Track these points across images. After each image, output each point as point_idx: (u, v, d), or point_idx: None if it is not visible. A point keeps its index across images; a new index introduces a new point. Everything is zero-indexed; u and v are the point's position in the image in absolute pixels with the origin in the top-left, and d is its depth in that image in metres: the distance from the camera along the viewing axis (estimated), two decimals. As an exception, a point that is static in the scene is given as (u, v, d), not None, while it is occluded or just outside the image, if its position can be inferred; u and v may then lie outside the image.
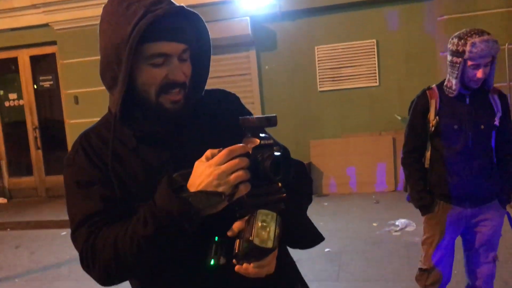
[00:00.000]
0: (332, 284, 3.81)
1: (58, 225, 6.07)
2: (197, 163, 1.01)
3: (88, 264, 1.07)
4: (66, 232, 5.75)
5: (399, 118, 6.52)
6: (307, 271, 3.93)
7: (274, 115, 1.03)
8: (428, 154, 2.50)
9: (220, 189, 0.97)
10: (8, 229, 6.51)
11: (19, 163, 8.49)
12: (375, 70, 6.95)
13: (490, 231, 2.48)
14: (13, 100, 8.39)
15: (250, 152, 1.00)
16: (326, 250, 4.52)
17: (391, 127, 6.80)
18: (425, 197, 2.50)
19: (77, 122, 7.50)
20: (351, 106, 7.06)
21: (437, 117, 2.40)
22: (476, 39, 2.20)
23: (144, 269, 1.11)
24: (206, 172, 0.98)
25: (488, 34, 2.24)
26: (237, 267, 1.03)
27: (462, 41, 2.25)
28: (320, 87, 7.16)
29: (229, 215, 1.02)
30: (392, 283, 3.73)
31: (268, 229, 0.97)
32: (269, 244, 0.97)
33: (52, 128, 8.24)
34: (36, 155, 8.32)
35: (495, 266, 2.54)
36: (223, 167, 0.97)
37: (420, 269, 2.59)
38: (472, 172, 2.39)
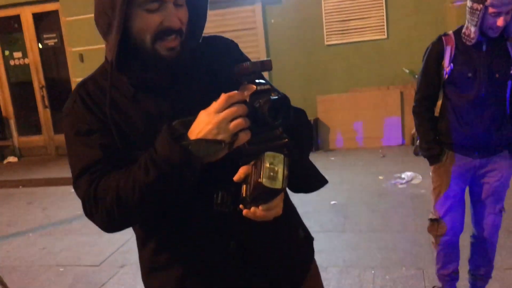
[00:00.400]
0: (338, 235, 3.88)
1: (69, 182, 6.10)
2: (201, 112, 1.00)
3: (91, 211, 1.09)
4: (76, 189, 5.85)
5: (407, 71, 6.42)
6: (313, 223, 4.01)
7: (268, 59, 1.02)
8: (439, 102, 2.47)
9: (220, 137, 0.97)
10: (20, 186, 6.65)
11: (28, 122, 8.56)
12: (383, 22, 6.80)
13: (498, 182, 2.47)
14: (18, 59, 8.36)
15: (248, 99, 0.99)
16: (332, 202, 4.58)
17: (399, 80, 6.72)
18: (434, 147, 2.49)
19: (83, 80, 7.47)
20: (358, 60, 6.95)
21: (451, 64, 2.36)
22: None
23: (147, 216, 1.13)
24: (205, 120, 0.98)
25: None
26: (245, 211, 1.03)
27: None
28: (327, 41, 7.04)
29: (232, 163, 1.03)
30: (397, 233, 3.79)
31: (276, 170, 0.97)
32: (278, 185, 0.97)
33: (58, 87, 8.24)
34: (44, 114, 8.37)
35: (501, 217, 2.55)
36: (222, 114, 0.97)
37: (430, 220, 2.60)
38: (483, 121, 2.36)
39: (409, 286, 2.99)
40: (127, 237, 3.98)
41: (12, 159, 8.36)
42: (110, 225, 1.11)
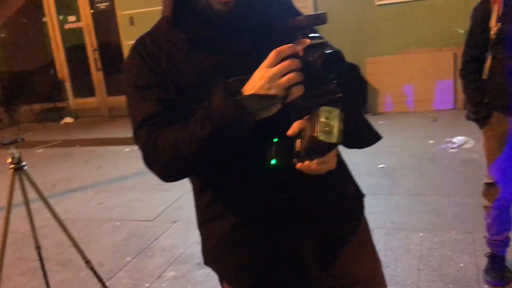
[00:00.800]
0: (386, 197, 3.87)
1: (122, 142, 6.41)
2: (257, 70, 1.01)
3: (150, 162, 1.15)
4: (129, 149, 6.08)
5: (462, 32, 6.13)
6: (361, 185, 3.99)
7: (323, 12, 1.01)
8: (487, 64, 2.38)
9: (272, 92, 0.98)
10: (77, 146, 6.96)
11: (82, 85, 8.87)
12: (438, -21, 6.49)
13: (550, 145, 2.38)
14: (72, 22, 8.61)
15: (301, 53, 0.99)
16: (380, 166, 4.54)
17: (453, 42, 6.43)
18: (481, 110, 2.42)
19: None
20: (410, 20, 6.70)
21: (499, 23, 2.25)
22: None
23: (203, 168, 1.17)
24: (257, 75, 0.99)
25: None
26: (299, 165, 1.04)
27: None
28: (377, 0, 6.81)
29: (285, 118, 1.03)
30: (447, 197, 3.74)
31: (331, 124, 0.97)
32: (334, 139, 0.97)
33: (110, 50, 8.45)
34: (97, 76, 8.63)
35: None
36: (274, 69, 0.97)
37: (486, 184, 2.56)
38: None
39: (458, 250, 2.97)
40: (179, 194, 4.13)
41: (68, 120, 8.75)
42: (168, 175, 1.16)
